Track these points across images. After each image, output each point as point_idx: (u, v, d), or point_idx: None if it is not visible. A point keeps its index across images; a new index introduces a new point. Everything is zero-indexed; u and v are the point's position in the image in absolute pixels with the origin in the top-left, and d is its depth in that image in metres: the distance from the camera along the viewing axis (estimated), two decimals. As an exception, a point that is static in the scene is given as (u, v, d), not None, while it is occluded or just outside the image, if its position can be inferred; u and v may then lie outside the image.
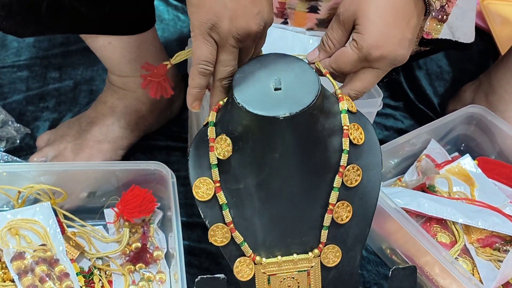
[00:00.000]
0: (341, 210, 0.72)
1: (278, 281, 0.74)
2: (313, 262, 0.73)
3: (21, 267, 0.76)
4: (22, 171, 0.84)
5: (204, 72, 0.68)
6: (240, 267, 0.73)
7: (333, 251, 0.74)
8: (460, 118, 1.03)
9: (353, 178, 0.72)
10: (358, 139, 0.72)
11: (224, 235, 0.72)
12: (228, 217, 0.71)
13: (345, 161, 0.71)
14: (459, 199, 0.95)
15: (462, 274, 0.79)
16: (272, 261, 0.73)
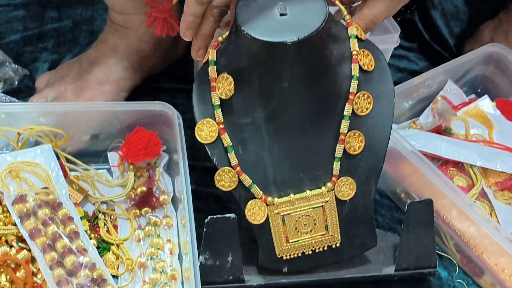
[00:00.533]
0: (352, 140, 0.69)
1: (293, 220, 0.72)
2: (327, 197, 0.71)
3: (23, 211, 0.73)
4: (21, 112, 0.80)
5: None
6: (252, 210, 0.71)
7: (347, 184, 0.71)
8: (478, 58, 0.99)
9: (363, 106, 0.69)
10: (368, 66, 0.69)
11: (231, 179, 0.70)
12: (234, 159, 0.69)
13: (355, 87, 0.68)
14: (476, 142, 0.92)
15: (480, 216, 0.77)
16: (284, 200, 0.71)
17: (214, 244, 0.72)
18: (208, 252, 0.72)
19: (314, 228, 0.73)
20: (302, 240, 0.73)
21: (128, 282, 0.75)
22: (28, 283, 0.70)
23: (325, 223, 0.73)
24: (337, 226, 0.73)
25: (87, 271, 0.70)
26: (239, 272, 0.74)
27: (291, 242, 0.73)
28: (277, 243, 0.73)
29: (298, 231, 0.73)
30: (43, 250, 0.71)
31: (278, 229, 0.72)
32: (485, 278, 0.81)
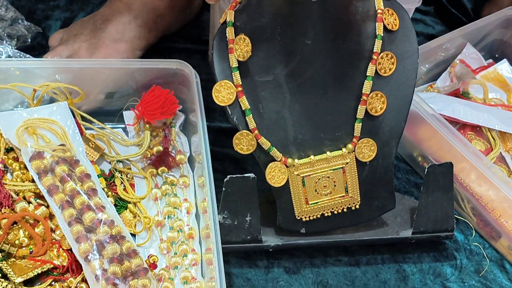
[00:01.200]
0: (375, 101, 0.68)
1: (313, 182, 0.71)
2: (347, 158, 0.71)
3: (41, 167, 0.72)
4: (36, 68, 0.79)
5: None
6: (272, 172, 0.70)
7: (368, 145, 0.71)
8: (497, 22, 0.97)
9: (387, 66, 0.68)
10: (393, 25, 0.68)
11: (249, 142, 0.69)
12: (251, 123, 0.68)
13: (378, 47, 0.67)
14: (495, 106, 0.91)
15: (500, 179, 0.76)
16: (304, 162, 0.70)
17: (233, 203, 0.72)
18: (227, 212, 0.72)
19: (334, 189, 0.73)
20: (321, 202, 0.73)
21: (146, 240, 0.75)
22: (46, 239, 0.70)
23: (345, 184, 0.73)
24: (357, 187, 0.73)
25: (106, 228, 0.70)
26: (257, 232, 0.74)
27: (310, 204, 0.73)
28: (296, 205, 0.73)
29: (318, 192, 0.73)
30: (61, 207, 0.71)
31: (298, 191, 0.72)
32: (502, 242, 0.81)
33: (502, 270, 0.80)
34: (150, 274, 0.69)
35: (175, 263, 0.73)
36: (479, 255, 0.81)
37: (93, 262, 0.67)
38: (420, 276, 0.78)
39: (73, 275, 0.69)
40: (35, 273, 0.68)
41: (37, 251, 0.69)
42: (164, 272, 0.72)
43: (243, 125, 0.69)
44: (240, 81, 0.67)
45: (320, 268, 0.77)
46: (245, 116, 0.68)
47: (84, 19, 0.93)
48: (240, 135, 0.69)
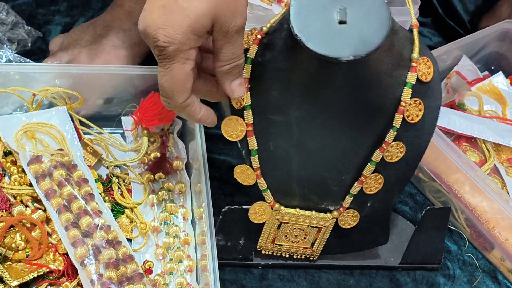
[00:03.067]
0: (394, 149, 0.65)
1: (288, 229, 0.73)
2: (328, 223, 0.72)
3: (39, 171, 0.73)
4: (35, 73, 0.79)
5: None
6: (257, 209, 0.71)
7: (352, 216, 0.71)
8: (493, 34, 0.98)
9: (414, 113, 0.63)
10: (426, 76, 0.63)
11: (249, 177, 0.69)
12: (256, 163, 0.67)
13: (408, 95, 0.62)
14: (490, 118, 0.92)
15: (494, 191, 0.77)
16: (290, 212, 0.71)
17: (228, 229, 0.73)
18: (221, 235, 0.73)
19: (302, 241, 0.75)
20: (286, 245, 0.75)
21: (142, 246, 0.75)
22: (43, 243, 0.71)
23: (314, 240, 0.75)
24: (322, 245, 0.75)
25: (102, 233, 0.70)
26: (249, 253, 0.75)
27: (275, 244, 0.75)
28: (262, 240, 0.75)
29: (287, 238, 0.74)
30: (58, 211, 0.71)
31: (270, 231, 0.74)
32: (495, 253, 0.81)
33: (495, 281, 0.80)
34: (145, 279, 0.69)
35: (171, 269, 0.73)
36: (472, 265, 0.82)
37: (89, 266, 0.67)
38: (413, 285, 0.78)
39: (69, 280, 0.70)
40: (31, 276, 0.68)
41: (33, 255, 0.70)
42: (159, 278, 0.72)
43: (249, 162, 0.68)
44: (251, 119, 0.65)
45: (314, 276, 0.78)
46: (250, 155, 0.67)
47: (85, 25, 0.93)
48: (242, 167, 0.68)
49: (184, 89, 0.59)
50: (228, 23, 0.56)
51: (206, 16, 0.54)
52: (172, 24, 0.54)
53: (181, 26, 0.54)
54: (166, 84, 0.58)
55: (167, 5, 0.54)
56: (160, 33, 0.54)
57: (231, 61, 0.59)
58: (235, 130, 0.66)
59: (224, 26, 0.56)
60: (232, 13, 0.55)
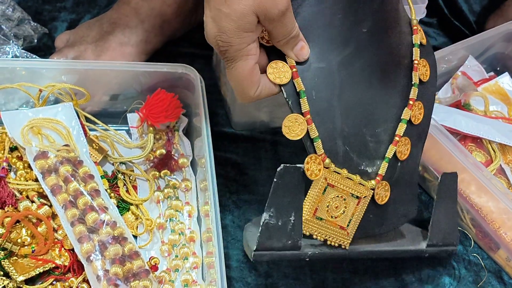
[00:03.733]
0: (416, 109, 0.71)
1: (331, 195, 0.69)
2: (366, 193, 0.70)
3: (45, 167, 0.73)
4: (42, 69, 0.79)
5: None
6: (310, 163, 0.67)
7: (385, 189, 0.71)
8: (499, 35, 0.98)
9: (424, 72, 0.73)
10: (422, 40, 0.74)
11: (300, 127, 0.66)
12: (305, 106, 0.66)
13: (417, 54, 0.72)
14: (496, 118, 0.92)
15: (500, 191, 0.77)
16: (338, 171, 0.68)
17: (281, 199, 0.67)
18: (273, 209, 0.67)
19: (340, 216, 0.70)
20: (324, 221, 0.70)
21: (147, 242, 0.75)
22: (49, 238, 0.71)
23: (351, 217, 0.70)
24: (355, 228, 0.71)
25: (108, 229, 0.70)
26: (298, 237, 0.69)
27: (315, 217, 0.70)
28: (305, 209, 0.69)
29: (328, 210, 0.70)
30: (64, 207, 0.71)
31: (315, 195, 0.68)
32: (500, 253, 0.81)
33: (500, 281, 0.80)
34: (151, 276, 0.69)
35: (176, 266, 0.73)
36: (477, 266, 0.81)
37: (95, 262, 0.67)
38: (418, 285, 0.78)
39: (75, 275, 0.70)
40: (36, 272, 0.68)
41: (39, 250, 0.70)
42: (165, 275, 0.72)
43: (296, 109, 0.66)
44: (294, 62, 0.66)
45: (319, 274, 0.78)
46: (299, 97, 0.66)
47: (91, 22, 0.93)
48: (291, 117, 0.66)
49: (252, 83, 0.64)
50: (271, 12, 0.60)
51: (248, 14, 0.59)
52: (224, 31, 0.60)
53: (231, 30, 0.60)
54: (234, 82, 0.64)
55: (214, 16, 0.60)
56: (218, 39, 0.61)
57: (285, 37, 0.64)
58: (279, 74, 0.66)
59: (268, 16, 0.61)
60: (272, 4, 0.60)
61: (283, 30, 0.63)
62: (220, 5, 0.59)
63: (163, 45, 0.96)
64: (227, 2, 0.59)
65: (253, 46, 0.62)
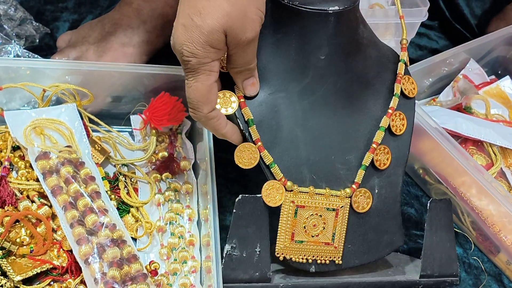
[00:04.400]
0: (397, 119, 0.70)
1: (305, 215, 0.68)
2: (343, 202, 0.69)
3: (46, 167, 0.73)
4: (46, 69, 0.79)
5: None
6: (269, 190, 0.67)
7: (364, 196, 0.70)
8: (501, 39, 0.99)
9: (409, 88, 0.71)
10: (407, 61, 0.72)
11: (252, 155, 0.67)
12: (255, 134, 0.66)
13: (402, 69, 0.70)
14: (497, 121, 0.92)
15: (501, 194, 0.77)
16: (304, 191, 0.68)
17: (243, 229, 0.67)
18: (236, 241, 0.67)
19: (321, 233, 0.69)
20: (306, 242, 0.69)
21: (147, 245, 0.75)
22: (47, 239, 0.70)
23: (334, 230, 0.69)
24: (343, 238, 0.70)
25: (107, 231, 0.70)
26: (266, 268, 0.68)
27: (295, 241, 0.69)
28: (280, 238, 0.68)
29: (306, 230, 0.69)
30: (64, 208, 0.71)
31: (287, 221, 0.68)
32: (500, 257, 0.81)
33: (500, 285, 0.80)
34: (149, 279, 0.69)
35: (175, 269, 0.73)
36: (477, 269, 0.81)
37: (93, 265, 0.67)
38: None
39: (72, 277, 0.70)
40: (34, 272, 0.68)
41: (37, 251, 0.70)
42: (163, 278, 0.72)
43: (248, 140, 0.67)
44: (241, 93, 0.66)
45: None
46: (248, 126, 0.66)
47: (93, 22, 0.93)
48: (242, 147, 0.67)
49: (208, 99, 0.63)
50: (239, 37, 0.60)
51: (218, 31, 0.59)
52: (192, 41, 0.59)
53: (199, 42, 0.59)
54: (191, 95, 0.63)
55: (186, 24, 0.59)
56: (184, 48, 0.60)
57: (242, 66, 0.64)
58: (226, 103, 0.66)
59: (235, 39, 0.61)
60: (243, 27, 0.60)
61: (243, 58, 0.63)
62: (193, 15, 0.59)
63: (165, 46, 0.96)
64: (202, 15, 0.58)
65: (216, 64, 0.62)
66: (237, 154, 0.67)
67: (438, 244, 0.72)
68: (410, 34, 0.93)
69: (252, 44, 0.62)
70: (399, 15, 0.72)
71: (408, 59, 0.73)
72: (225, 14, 0.58)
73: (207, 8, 0.58)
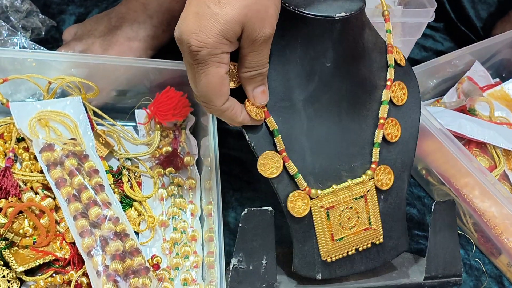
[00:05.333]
0: (390, 127, 0.69)
1: (337, 214, 0.68)
2: (368, 186, 0.69)
3: (50, 159, 0.73)
4: (52, 61, 0.79)
5: None
6: (295, 201, 0.66)
7: (385, 172, 0.70)
8: (505, 41, 0.99)
9: (399, 95, 0.70)
10: (402, 59, 0.71)
11: (275, 165, 0.65)
12: (280, 144, 0.65)
13: (392, 75, 0.69)
14: (501, 124, 0.92)
15: (504, 196, 0.77)
16: (328, 192, 0.67)
17: (249, 243, 0.67)
18: (242, 254, 0.67)
19: (358, 222, 0.69)
20: (347, 237, 0.69)
21: (149, 239, 0.75)
22: (50, 231, 0.71)
23: (368, 215, 0.70)
24: (379, 217, 0.70)
25: (110, 224, 0.70)
26: (273, 279, 0.68)
27: (336, 240, 0.69)
28: (321, 243, 0.68)
29: (342, 226, 0.69)
30: (68, 200, 0.71)
31: (323, 226, 0.68)
32: (502, 259, 0.81)
33: (501, 287, 0.80)
34: (151, 273, 0.69)
35: (176, 264, 0.73)
36: (478, 270, 0.82)
37: (95, 257, 0.67)
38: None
39: (74, 269, 0.69)
40: (36, 263, 0.68)
41: (40, 242, 0.70)
42: (164, 272, 0.72)
43: (269, 147, 0.65)
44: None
45: None
46: (273, 136, 0.65)
47: (99, 16, 0.93)
48: (266, 155, 0.65)
49: (221, 92, 0.60)
50: (257, 32, 0.57)
51: (236, 23, 0.56)
52: (204, 29, 0.56)
53: (212, 31, 0.56)
54: (203, 88, 0.59)
55: (200, 12, 0.56)
56: (193, 38, 0.56)
57: (255, 69, 0.61)
58: (256, 110, 0.64)
59: (252, 34, 0.57)
60: (262, 22, 0.57)
61: (257, 59, 0.60)
62: (211, 3, 0.56)
63: (171, 41, 0.96)
64: (220, 3, 0.55)
65: (226, 56, 0.58)
66: (261, 162, 0.65)
67: (442, 245, 0.72)
68: (415, 34, 0.93)
69: (268, 43, 0.59)
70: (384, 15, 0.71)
71: (401, 58, 0.71)
72: (245, 5, 0.55)
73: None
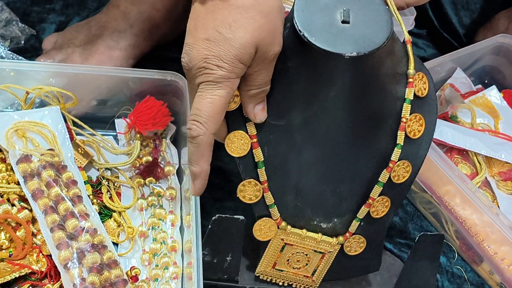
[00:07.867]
0: (400, 169, 0.65)
1: (291, 252, 0.70)
2: (333, 248, 0.69)
3: (27, 170, 0.72)
4: (30, 71, 0.78)
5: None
6: (262, 226, 0.67)
7: (359, 242, 0.69)
8: (488, 48, 0.99)
9: (415, 129, 0.64)
10: (422, 91, 0.64)
11: (254, 193, 0.66)
12: (263, 176, 0.65)
13: (407, 111, 0.63)
14: (482, 131, 0.92)
15: (484, 204, 0.77)
16: (296, 232, 0.68)
17: (216, 243, 0.70)
18: (208, 249, 0.70)
19: (303, 267, 0.71)
20: (286, 272, 0.72)
21: (128, 250, 0.74)
22: (27, 243, 0.70)
23: (316, 268, 0.71)
24: (323, 274, 0.72)
25: (88, 236, 0.69)
26: (235, 273, 0.72)
27: (275, 269, 0.72)
28: (263, 263, 0.72)
29: (288, 263, 0.71)
30: (44, 212, 0.70)
31: (273, 253, 0.70)
32: (483, 266, 0.81)
33: (483, 294, 0.81)
34: (129, 285, 0.68)
35: (156, 275, 0.73)
36: (460, 278, 0.81)
37: (72, 270, 0.66)
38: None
39: (51, 282, 0.69)
40: (12, 276, 0.67)
41: (16, 255, 0.69)
42: (144, 284, 0.71)
43: (253, 175, 0.65)
44: (255, 131, 0.64)
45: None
46: (256, 168, 0.65)
47: (80, 24, 0.93)
48: (247, 182, 0.65)
49: (219, 119, 0.58)
50: (268, 51, 0.57)
51: (250, 45, 0.55)
52: (218, 55, 0.55)
53: (228, 56, 0.55)
54: (204, 107, 0.57)
55: (211, 38, 0.55)
56: (208, 62, 0.55)
57: (260, 87, 0.60)
58: (239, 144, 0.64)
59: (264, 54, 0.57)
60: (272, 41, 0.57)
61: (263, 77, 0.59)
62: (221, 28, 0.55)
63: (152, 50, 0.96)
64: (232, 27, 0.54)
65: (237, 82, 0.57)
66: (240, 188, 0.66)
67: (418, 272, 0.72)
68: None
69: (275, 59, 0.59)
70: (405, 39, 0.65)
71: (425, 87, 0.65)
72: (258, 27, 0.55)
73: (239, 21, 0.54)
